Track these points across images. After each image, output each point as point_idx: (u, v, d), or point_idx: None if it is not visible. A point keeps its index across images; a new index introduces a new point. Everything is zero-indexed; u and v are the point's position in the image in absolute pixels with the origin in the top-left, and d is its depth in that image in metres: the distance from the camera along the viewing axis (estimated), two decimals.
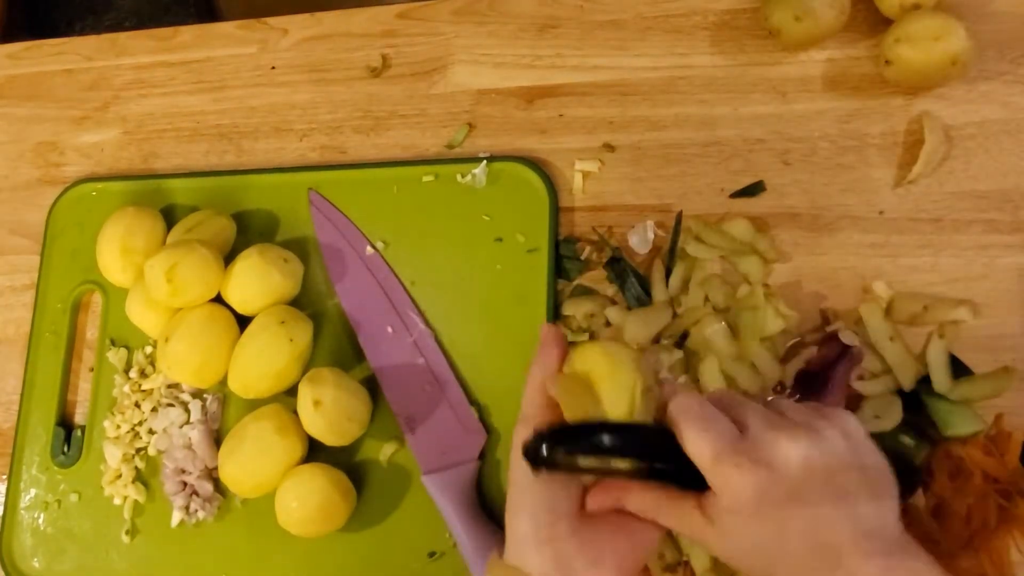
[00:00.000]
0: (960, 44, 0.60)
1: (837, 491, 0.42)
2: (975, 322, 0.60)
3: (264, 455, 0.64)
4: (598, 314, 0.65)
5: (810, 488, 0.42)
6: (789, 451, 0.42)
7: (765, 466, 0.42)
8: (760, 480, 0.42)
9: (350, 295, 0.71)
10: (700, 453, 0.43)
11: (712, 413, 0.44)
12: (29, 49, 0.87)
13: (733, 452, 0.42)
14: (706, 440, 0.43)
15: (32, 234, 0.81)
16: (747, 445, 0.43)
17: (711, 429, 0.43)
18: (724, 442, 0.43)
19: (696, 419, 0.44)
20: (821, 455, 0.42)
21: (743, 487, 0.42)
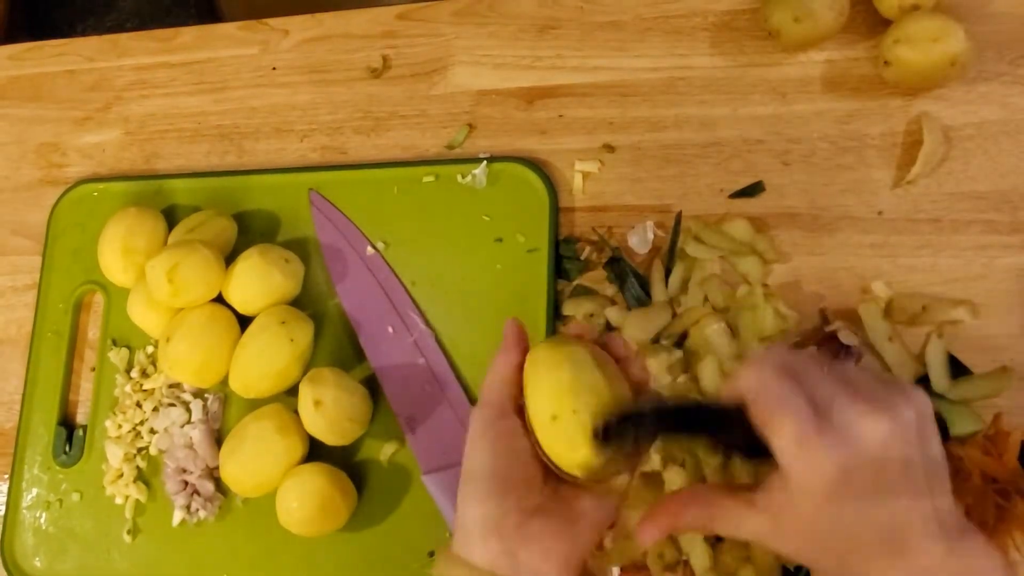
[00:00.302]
0: (959, 45, 0.60)
1: (913, 478, 0.41)
2: (974, 322, 0.60)
3: (265, 455, 0.64)
4: (598, 314, 0.65)
5: (889, 473, 0.41)
6: (873, 431, 0.41)
7: (849, 446, 0.40)
8: (843, 461, 0.40)
9: (351, 295, 0.71)
10: (780, 435, 0.41)
11: (788, 390, 0.42)
12: (31, 50, 0.87)
13: (817, 433, 0.41)
14: (786, 422, 0.41)
15: (34, 234, 0.81)
16: (829, 425, 0.41)
17: (790, 409, 0.41)
18: (806, 423, 0.41)
19: (773, 399, 0.42)
20: (901, 437, 0.41)
21: (826, 469, 0.40)
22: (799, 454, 0.41)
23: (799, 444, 0.41)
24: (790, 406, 0.41)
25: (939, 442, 0.44)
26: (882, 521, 0.41)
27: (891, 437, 0.41)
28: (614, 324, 0.64)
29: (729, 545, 0.57)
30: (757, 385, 0.43)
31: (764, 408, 0.42)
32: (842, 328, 0.60)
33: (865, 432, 0.41)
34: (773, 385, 0.42)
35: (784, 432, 0.41)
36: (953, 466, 0.56)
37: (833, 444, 0.40)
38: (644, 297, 0.64)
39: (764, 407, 0.42)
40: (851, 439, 0.41)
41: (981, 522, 0.55)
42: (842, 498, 0.41)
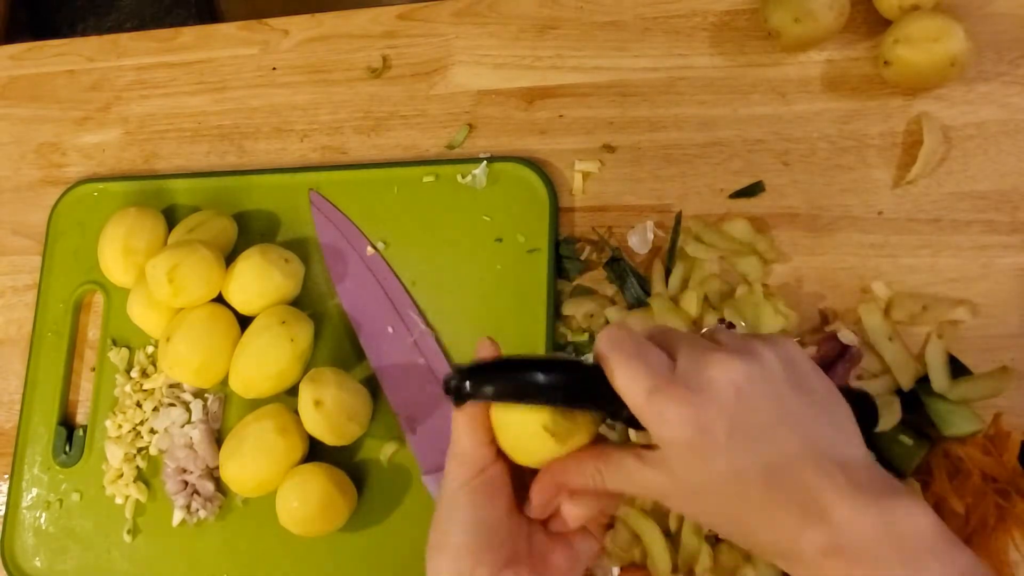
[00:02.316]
0: (959, 45, 0.60)
1: (784, 416, 0.38)
2: (974, 322, 0.60)
3: (265, 455, 0.64)
4: (598, 314, 0.65)
5: (753, 415, 0.38)
6: (723, 374, 0.38)
7: (699, 393, 0.38)
8: (696, 411, 0.37)
9: (351, 295, 0.71)
10: (630, 389, 0.39)
11: (642, 346, 0.40)
12: (31, 50, 0.87)
13: (666, 383, 0.38)
14: (636, 374, 0.39)
15: (34, 234, 0.81)
16: (679, 375, 0.39)
17: (641, 362, 0.39)
18: (656, 375, 0.39)
19: (625, 352, 0.40)
20: (761, 378, 0.38)
21: (680, 422, 0.38)
22: (649, 407, 0.38)
23: (648, 396, 0.38)
24: (641, 358, 0.39)
25: (826, 383, 0.40)
26: (758, 465, 0.37)
27: (747, 380, 0.38)
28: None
29: (729, 545, 0.57)
30: (608, 344, 0.41)
31: (616, 361, 0.40)
32: (842, 328, 0.60)
33: (715, 376, 0.38)
34: (626, 340, 0.40)
35: (634, 386, 0.39)
36: (953, 466, 0.56)
37: (684, 396, 0.38)
38: (644, 297, 0.64)
39: (611, 359, 0.40)
40: (705, 387, 0.38)
41: (981, 522, 0.55)
42: (706, 450, 0.38)
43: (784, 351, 0.41)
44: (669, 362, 0.40)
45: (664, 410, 0.38)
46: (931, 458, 0.57)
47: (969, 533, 0.55)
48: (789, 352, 0.41)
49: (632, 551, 0.59)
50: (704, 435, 0.38)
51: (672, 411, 0.38)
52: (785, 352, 0.40)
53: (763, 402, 0.38)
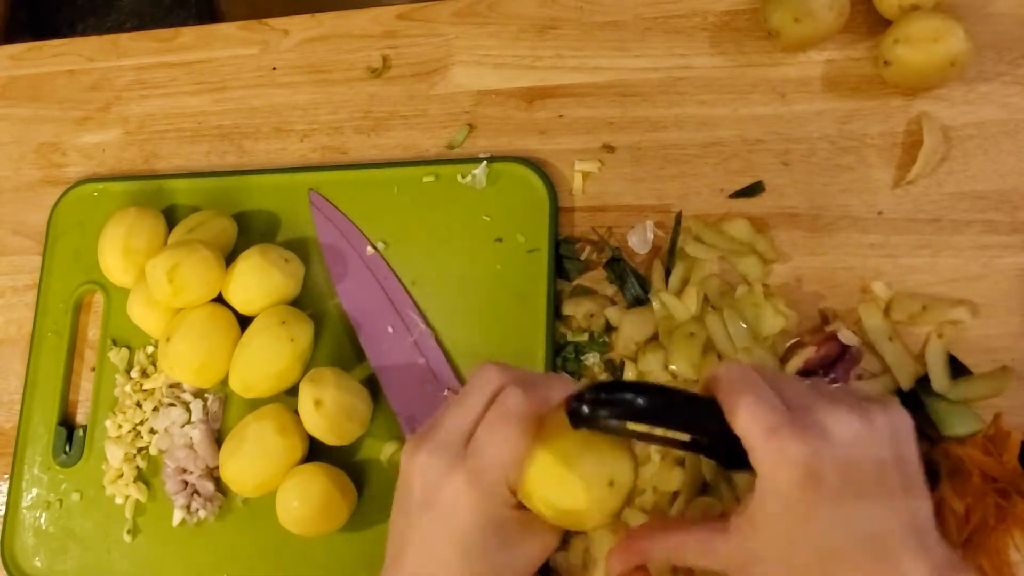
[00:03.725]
0: (959, 45, 0.60)
1: (885, 480, 0.40)
2: (974, 322, 0.60)
3: (265, 455, 0.64)
4: (598, 314, 0.65)
5: (863, 474, 0.39)
6: (844, 425, 0.39)
7: (820, 440, 0.39)
8: (814, 454, 0.39)
9: (351, 295, 0.71)
10: (752, 426, 0.40)
11: (760, 382, 0.41)
12: (31, 50, 0.87)
13: (788, 423, 0.39)
14: (759, 412, 0.40)
15: (34, 234, 0.81)
16: (799, 418, 0.40)
17: (764, 401, 0.40)
18: (776, 413, 0.40)
19: (748, 390, 0.41)
20: (871, 440, 0.40)
21: (797, 461, 0.39)
22: (769, 444, 0.39)
23: (769, 433, 0.39)
24: (761, 396, 0.40)
25: (917, 457, 0.42)
26: (858, 526, 0.39)
27: (863, 437, 0.40)
28: (613, 324, 0.64)
29: None
30: (729, 375, 0.42)
31: (734, 395, 0.41)
32: (842, 328, 0.60)
33: (836, 428, 0.39)
34: (746, 376, 0.41)
35: (754, 421, 0.40)
36: (953, 466, 0.56)
37: (803, 436, 0.39)
38: (644, 297, 0.64)
39: (734, 395, 0.41)
40: (822, 433, 0.39)
41: (981, 522, 0.55)
42: (814, 497, 0.39)
43: (894, 418, 0.42)
44: (783, 404, 0.41)
45: (785, 448, 0.39)
46: (931, 458, 0.57)
47: (969, 533, 0.55)
48: (897, 421, 0.42)
49: None
50: (817, 480, 0.39)
51: (792, 449, 0.39)
52: (894, 419, 0.42)
53: (872, 465, 0.40)
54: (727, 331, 0.61)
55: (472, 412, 0.46)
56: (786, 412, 0.40)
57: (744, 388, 0.41)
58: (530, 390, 0.45)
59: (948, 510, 0.55)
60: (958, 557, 0.40)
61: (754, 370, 0.42)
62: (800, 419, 0.40)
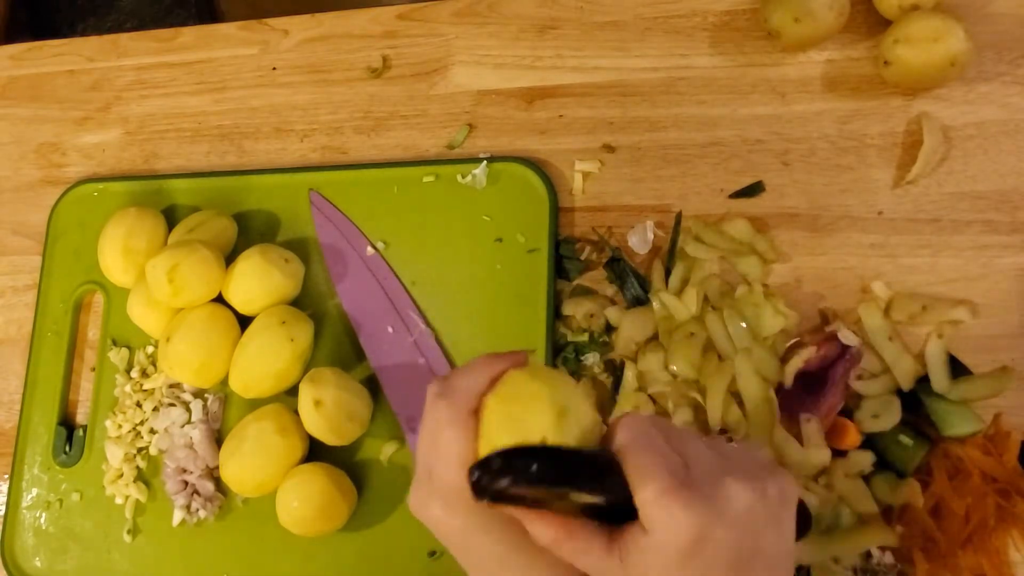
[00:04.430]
0: (959, 45, 0.60)
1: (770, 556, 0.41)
2: (974, 322, 0.60)
3: (265, 455, 0.64)
4: (598, 314, 0.65)
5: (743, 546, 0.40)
6: (737, 498, 0.40)
7: (711, 508, 0.39)
8: (703, 522, 0.39)
9: (351, 295, 0.71)
10: (645, 484, 0.39)
11: (661, 443, 0.41)
12: (31, 50, 0.87)
13: (681, 487, 0.39)
14: (655, 472, 0.39)
15: (34, 234, 0.81)
16: (694, 483, 0.40)
17: (660, 461, 0.40)
18: (673, 477, 0.39)
19: (646, 448, 0.41)
20: (762, 512, 0.41)
21: (685, 527, 0.39)
22: (660, 507, 0.39)
23: (663, 496, 0.39)
24: (660, 458, 0.40)
25: (792, 534, 0.43)
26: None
27: (753, 510, 0.40)
28: (613, 324, 0.64)
29: None
30: (632, 435, 0.41)
31: (635, 456, 0.40)
32: (842, 328, 0.60)
33: (730, 497, 0.40)
34: (648, 436, 0.41)
35: (650, 482, 0.39)
36: (953, 466, 0.57)
37: (696, 503, 0.39)
38: (644, 297, 0.64)
39: (635, 455, 0.40)
40: (715, 501, 0.40)
41: (981, 522, 0.55)
42: (695, 563, 0.39)
43: (783, 487, 0.42)
44: (682, 464, 0.41)
45: (673, 511, 0.39)
46: (931, 458, 0.57)
47: (969, 533, 0.55)
48: (786, 490, 0.43)
49: None
50: (701, 548, 0.39)
51: (680, 514, 0.39)
52: (783, 489, 0.42)
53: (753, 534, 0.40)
54: (727, 331, 0.61)
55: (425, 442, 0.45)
56: (682, 475, 0.40)
57: (640, 446, 0.41)
58: (448, 394, 0.44)
59: (948, 510, 0.55)
60: None
61: (654, 426, 0.42)
62: (697, 486, 0.40)
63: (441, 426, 0.43)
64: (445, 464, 0.43)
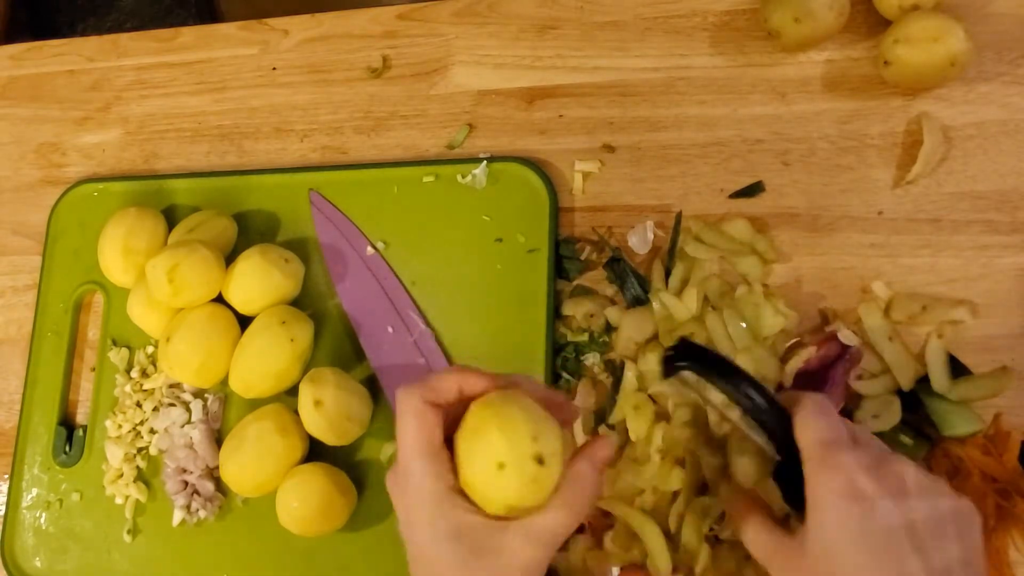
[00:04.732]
0: (959, 45, 0.60)
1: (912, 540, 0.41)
2: (974, 322, 0.60)
3: (265, 455, 0.64)
4: (598, 314, 0.65)
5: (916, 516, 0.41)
6: (905, 467, 0.42)
7: (877, 467, 0.41)
8: (862, 467, 0.41)
9: (351, 295, 0.71)
10: (814, 435, 0.42)
11: (834, 411, 0.44)
12: (31, 50, 0.87)
13: (850, 442, 0.42)
14: (822, 425, 0.42)
15: (34, 234, 0.81)
16: (859, 446, 0.43)
17: (831, 418, 0.43)
18: (840, 433, 0.42)
19: (818, 406, 0.44)
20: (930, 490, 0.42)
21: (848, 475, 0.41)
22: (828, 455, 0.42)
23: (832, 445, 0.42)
24: (831, 416, 0.43)
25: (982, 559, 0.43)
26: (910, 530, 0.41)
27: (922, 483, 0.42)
28: (613, 324, 0.64)
29: (729, 545, 0.57)
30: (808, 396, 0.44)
31: (807, 409, 0.43)
32: (842, 328, 0.60)
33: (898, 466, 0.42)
34: (822, 402, 0.44)
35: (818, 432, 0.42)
36: (953, 466, 0.57)
37: (858, 456, 0.41)
38: (644, 297, 0.64)
39: (807, 408, 0.43)
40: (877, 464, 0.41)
41: (981, 522, 0.55)
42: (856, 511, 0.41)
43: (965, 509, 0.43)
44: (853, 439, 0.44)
45: (840, 463, 0.41)
46: (931, 458, 0.57)
47: None
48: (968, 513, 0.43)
49: (632, 551, 0.59)
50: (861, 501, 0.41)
51: (848, 465, 0.41)
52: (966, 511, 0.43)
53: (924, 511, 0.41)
54: (727, 331, 0.61)
55: None
56: (848, 436, 0.43)
57: (815, 404, 0.44)
58: (413, 385, 0.46)
59: None
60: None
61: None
62: (862, 448, 0.42)
63: (403, 415, 0.45)
64: (400, 448, 0.45)
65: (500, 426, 0.43)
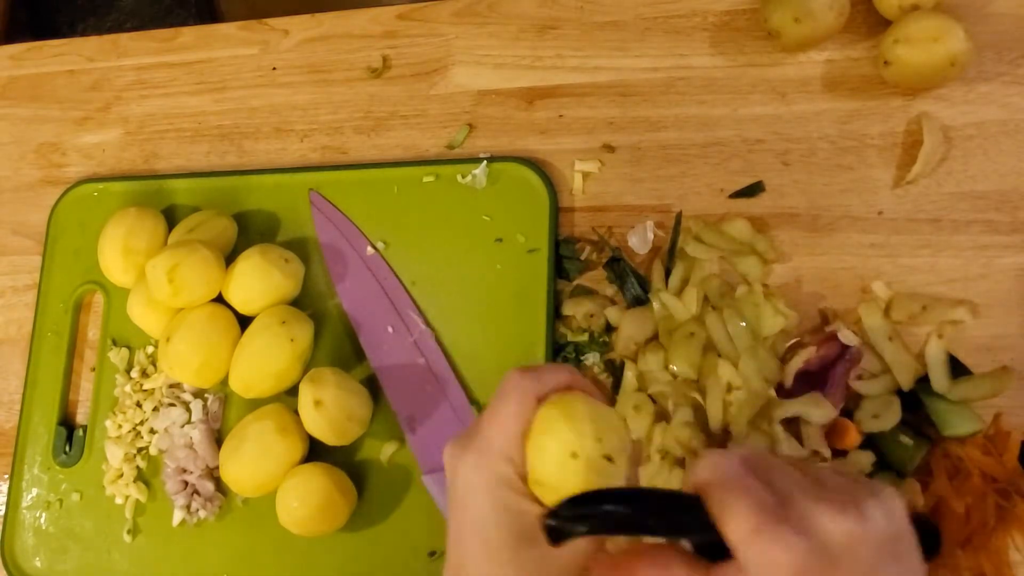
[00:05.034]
0: (959, 45, 0.60)
1: None
2: (974, 322, 0.60)
3: (265, 455, 0.64)
4: (598, 314, 0.65)
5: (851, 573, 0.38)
6: (835, 527, 0.38)
7: (808, 542, 0.37)
8: (802, 558, 0.37)
9: (351, 295, 0.71)
10: (736, 525, 0.38)
11: (747, 478, 0.39)
12: (31, 50, 0.87)
13: (775, 523, 0.37)
14: (744, 510, 0.38)
15: (34, 234, 0.81)
16: (788, 517, 0.38)
17: (750, 498, 0.38)
18: (764, 513, 0.38)
19: (732, 487, 0.39)
20: (865, 539, 0.38)
21: (781, 563, 0.37)
22: (755, 545, 0.37)
23: (756, 534, 0.37)
24: (748, 494, 0.38)
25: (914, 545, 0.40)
26: None
27: (856, 534, 0.38)
28: (613, 324, 0.64)
29: None
30: (715, 472, 0.40)
31: (720, 495, 0.39)
32: (842, 328, 0.60)
33: (828, 526, 0.38)
34: (732, 473, 0.40)
35: (740, 521, 0.38)
36: (953, 466, 0.56)
37: (792, 536, 0.37)
38: (644, 297, 0.64)
39: (720, 494, 0.39)
40: (812, 533, 0.37)
41: (981, 522, 0.55)
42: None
43: (889, 506, 0.40)
44: (772, 499, 0.39)
45: (767, 551, 0.37)
46: (931, 458, 0.57)
47: (969, 533, 0.55)
48: (893, 509, 0.40)
49: None
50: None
51: (775, 553, 0.37)
52: (889, 508, 0.40)
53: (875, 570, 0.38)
54: (727, 331, 0.61)
55: None
56: (773, 509, 0.38)
57: (728, 486, 0.39)
58: (528, 372, 0.45)
59: (948, 511, 0.55)
60: None
61: (740, 459, 0.41)
62: (793, 521, 0.38)
63: (508, 396, 0.44)
64: (494, 428, 0.44)
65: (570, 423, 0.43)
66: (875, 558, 0.38)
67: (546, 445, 0.43)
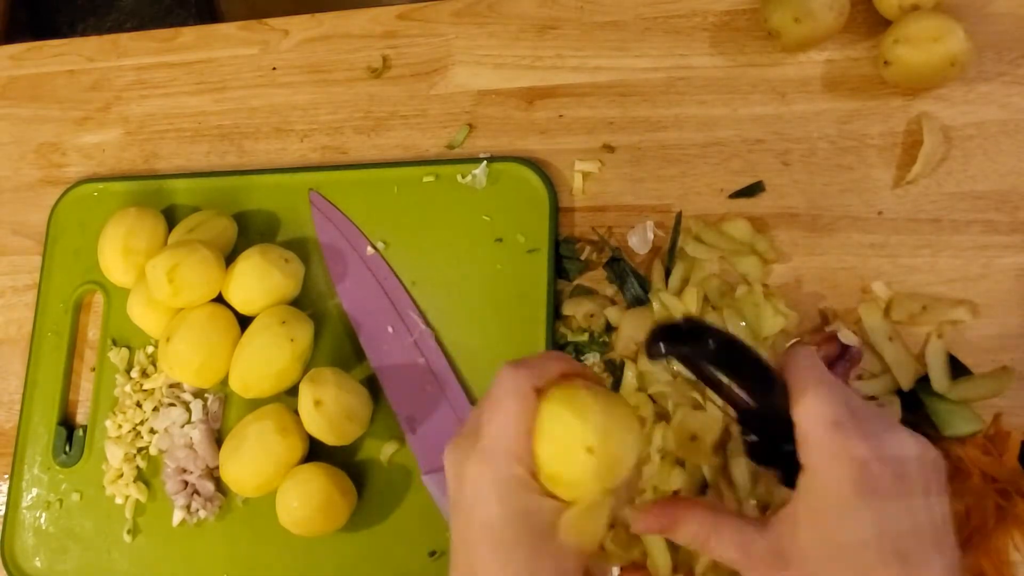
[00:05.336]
0: (959, 45, 0.60)
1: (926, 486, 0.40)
2: (974, 322, 0.60)
3: (265, 455, 0.64)
4: (598, 314, 0.65)
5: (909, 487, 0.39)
6: (907, 445, 0.40)
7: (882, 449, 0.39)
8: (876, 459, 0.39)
9: (351, 295, 0.71)
10: (820, 413, 0.40)
11: (839, 384, 0.41)
12: (31, 50, 0.87)
13: (854, 422, 0.39)
14: (831, 403, 0.40)
15: (34, 234, 0.81)
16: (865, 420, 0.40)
17: (835, 395, 0.40)
18: (845, 411, 0.39)
19: (824, 379, 0.41)
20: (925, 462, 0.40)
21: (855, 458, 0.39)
22: (832, 437, 0.39)
23: (835, 427, 0.39)
24: (834, 391, 0.40)
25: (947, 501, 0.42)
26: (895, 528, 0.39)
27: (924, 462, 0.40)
28: (613, 324, 0.64)
29: None
30: (804, 361, 0.42)
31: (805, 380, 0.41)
32: (842, 328, 0.60)
33: (903, 442, 0.40)
34: (818, 366, 0.42)
35: (824, 410, 0.40)
36: (953, 466, 0.57)
37: (867, 437, 0.39)
38: (644, 297, 0.64)
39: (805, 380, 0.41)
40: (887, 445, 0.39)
41: (981, 522, 0.55)
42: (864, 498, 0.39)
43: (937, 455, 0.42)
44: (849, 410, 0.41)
45: (847, 443, 0.39)
46: None
47: (969, 533, 0.55)
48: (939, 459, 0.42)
49: (632, 551, 0.59)
50: (871, 481, 0.39)
51: (854, 446, 0.39)
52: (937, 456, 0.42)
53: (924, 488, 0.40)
54: None
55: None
56: (849, 412, 0.40)
57: (816, 377, 0.41)
58: (522, 366, 0.45)
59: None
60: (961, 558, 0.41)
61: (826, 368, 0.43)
62: (868, 424, 0.40)
63: (507, 394, 0.43)
64: (498, 428, 0.43)
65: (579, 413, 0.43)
66: (933, 484, 0.40)
67: (557, 441, 0.42)
